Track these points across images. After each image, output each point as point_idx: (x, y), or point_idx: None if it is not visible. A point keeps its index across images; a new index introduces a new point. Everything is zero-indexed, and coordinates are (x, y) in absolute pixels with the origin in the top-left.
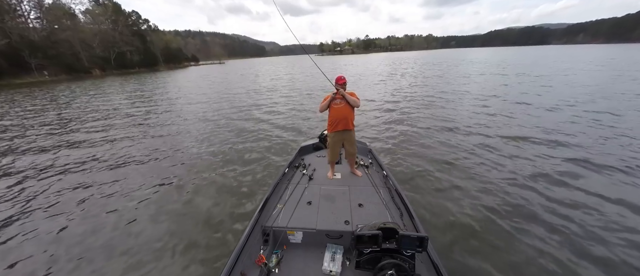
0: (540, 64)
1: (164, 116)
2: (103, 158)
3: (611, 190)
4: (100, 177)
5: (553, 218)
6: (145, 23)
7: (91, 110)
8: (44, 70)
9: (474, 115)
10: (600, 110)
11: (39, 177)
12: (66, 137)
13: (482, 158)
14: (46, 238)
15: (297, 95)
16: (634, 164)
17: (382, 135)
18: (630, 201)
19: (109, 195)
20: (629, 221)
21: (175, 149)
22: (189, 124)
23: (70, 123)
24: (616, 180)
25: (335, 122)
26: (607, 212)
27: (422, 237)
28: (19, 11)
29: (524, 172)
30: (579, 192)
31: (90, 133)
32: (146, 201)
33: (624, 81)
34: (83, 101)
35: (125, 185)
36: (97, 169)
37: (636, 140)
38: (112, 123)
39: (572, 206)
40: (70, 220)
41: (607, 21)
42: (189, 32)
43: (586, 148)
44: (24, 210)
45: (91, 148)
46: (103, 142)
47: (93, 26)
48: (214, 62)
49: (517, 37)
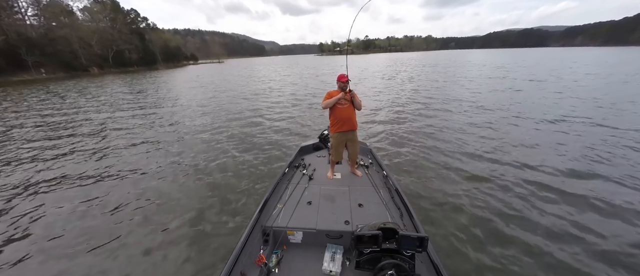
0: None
1: (156, 116)
2: (99, 162)
3: (615, 192)
4: (96, 180)
5: (554, 219)
6: (144, 21)
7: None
8: (41, 68)
9: (474, 116)
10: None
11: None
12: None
13: (483, 159)
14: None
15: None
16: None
17: (382, 135)
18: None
19: (107, 193)
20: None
21: (172, 150)
22: (184, 125)
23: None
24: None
25: (341, 121)
26: (617, 215)
27: (422, 237)
28: (16, 8)
29: (526, 173)
30: (581, 193)
31: (76, 141)
32: (143, 201)
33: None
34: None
35: (125, 185)
36: (88, 178)
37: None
38: (108, 125)
39: (573, 206)
40: (64, 227)
41: (605, 24)
42: (189, 31)
43: (596, 154)
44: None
45: (81, 156)
46: (101, 147)
47: (91, 24)
48: (214, 61)
49: (516, 39)
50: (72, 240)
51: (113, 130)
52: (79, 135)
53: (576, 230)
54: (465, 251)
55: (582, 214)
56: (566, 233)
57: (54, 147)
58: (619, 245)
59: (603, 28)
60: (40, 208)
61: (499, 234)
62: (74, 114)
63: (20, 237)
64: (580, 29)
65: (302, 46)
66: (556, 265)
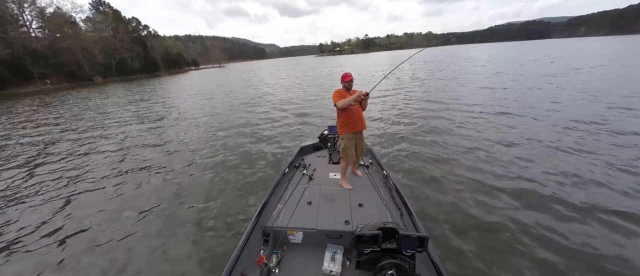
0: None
1: (157, 121)
2: (102, 164)
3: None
4: (102, 180)
5: (555, 219)
6: (146, 29)
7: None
8: (47, 79)
9: (474, 116)
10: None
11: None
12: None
13: (484, 159)
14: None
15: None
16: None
17: (382, 135)
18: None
19: (110, 197)
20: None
21: (173, 151)
22: (185, 127)
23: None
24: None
25: (353, 122)
26: (617, 217)
27: (422, 237)
28: (21, 21)
29: (527, 174)
30: (582, 196)
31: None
32: (144, 202)
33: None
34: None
35: (123, 185)
36: (93, 175)
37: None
38: (105, 128)
39: (573, 206)
40: (68, 227)
41: (610, 13)
42: (189, 36)
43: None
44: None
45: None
46: (100, 151)
47: (94, 34)
48: (215, 65)
49: (518, 32)
50: (69, 240)
51: (108, 133)
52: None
53: (582, 236)
54: (465, 252)
55: (589, 215)
56: (568, 235)
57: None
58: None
59: (607, 17)
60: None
61: (499, 234)
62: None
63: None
64: (583, 19)
65: (302, 47)
66: (561, 264)
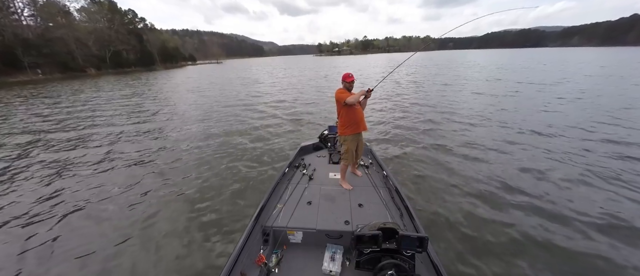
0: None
1: (152, 117)
2: (92, 160)
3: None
4: (95, 179)
5: (555, 221)
6: (142, 22)
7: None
8: (38, 69)
9: (475, 116)
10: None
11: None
12: None
13: (484, 159)
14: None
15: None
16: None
17: (382, 135)
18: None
19: (104, 197)
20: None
21: (171, 149)
22: (182, 124)
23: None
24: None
25: (356, 123)
26: (614, 216)
27: (422, 237)
28: (12, 8)
29: (527, 174)
30: (584, 195)
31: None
32: (142, 202)
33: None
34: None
35: (123, 185)
36: (86, 172)
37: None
38: (97, 126)
39: (573, 209)
40: (57, 229)
41: (602, 24)
42: (187, 31)
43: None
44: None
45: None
46: (97, 145)
47: (88, 24)
48: (212, 61)
49: (514, 40)
50: (65, 244)
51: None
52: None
53: (582, 238)
54: (465, 252)
55: (589, 216)
56: (569, 237)
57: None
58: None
59: (600, 28)
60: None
61: (499, 235)
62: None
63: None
64: (577, 30)
65: (300, 46)
66: (561, 265)
